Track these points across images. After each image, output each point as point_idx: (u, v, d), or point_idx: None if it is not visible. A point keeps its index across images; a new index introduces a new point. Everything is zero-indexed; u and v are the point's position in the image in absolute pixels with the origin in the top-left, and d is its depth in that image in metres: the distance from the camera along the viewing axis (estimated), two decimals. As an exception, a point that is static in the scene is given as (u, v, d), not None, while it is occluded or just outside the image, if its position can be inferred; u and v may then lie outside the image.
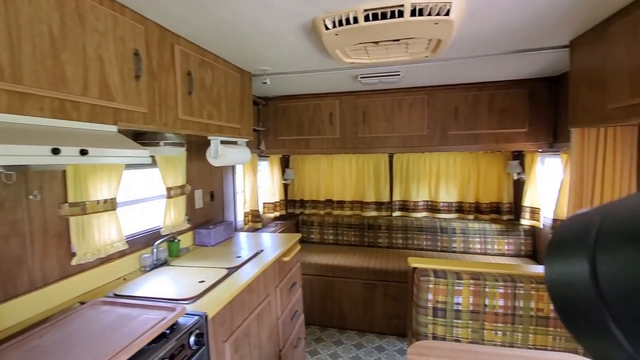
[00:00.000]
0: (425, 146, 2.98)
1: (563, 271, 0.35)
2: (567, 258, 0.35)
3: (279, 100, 3.23)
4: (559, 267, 0.36)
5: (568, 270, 0.34)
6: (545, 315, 1.76)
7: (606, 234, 0.31)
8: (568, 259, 0.35)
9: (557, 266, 0.36)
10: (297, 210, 3.88)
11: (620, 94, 1.41)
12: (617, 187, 1.82)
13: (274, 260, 1.97)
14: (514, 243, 3.20)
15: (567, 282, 0.34)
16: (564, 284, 0.35)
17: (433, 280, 1.88)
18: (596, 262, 0.30)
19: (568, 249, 0.35)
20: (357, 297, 3.00)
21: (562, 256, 0.36)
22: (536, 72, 2.55)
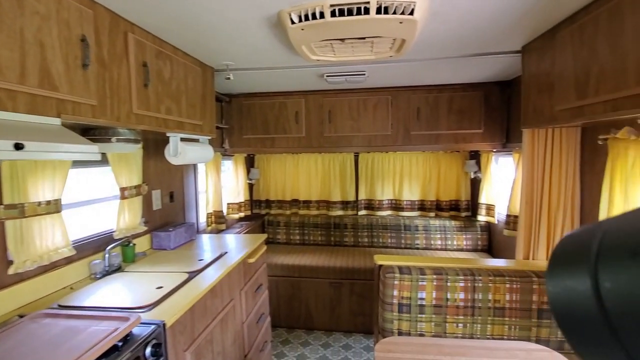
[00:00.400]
0: (389, 146, 3.04)
1: (565, 286, 0.35)
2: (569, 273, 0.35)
3: (243, 97, 3.14)
4: (561, 282, 0.36)
5: (570, 285, 0.34)
6: (502, 306, 1.86)
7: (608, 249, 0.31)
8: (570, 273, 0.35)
9: (558, 281, 0.36)
10: (262, 211, 3.80)
11: (567, 97, 1.52)
12: (563, 183, 1.97)
13: (239, 263, 1.90)
14: (472, 238, 3.36)
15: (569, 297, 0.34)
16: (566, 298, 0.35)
17: (398, 277, 1.91)
18: (598, 277, 0.30)
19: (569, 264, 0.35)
20: (324, 296, 2.99)
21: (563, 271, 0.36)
22: (490, 76, 2.69)
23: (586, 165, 1.94)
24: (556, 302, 0.36)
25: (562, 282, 0.36)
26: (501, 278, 1.85)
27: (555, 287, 0.36)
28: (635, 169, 1.50)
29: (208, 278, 1.60)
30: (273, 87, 2.90)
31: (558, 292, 0.36)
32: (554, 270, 0.37)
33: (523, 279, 1.84)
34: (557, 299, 0.36)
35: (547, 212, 2.00)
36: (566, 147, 1.96)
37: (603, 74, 1.27)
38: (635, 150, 1.49)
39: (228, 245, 2.19)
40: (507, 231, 2.61)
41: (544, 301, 1.82)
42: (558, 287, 0.36)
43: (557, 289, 0.36)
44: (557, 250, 0.39)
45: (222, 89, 2.86)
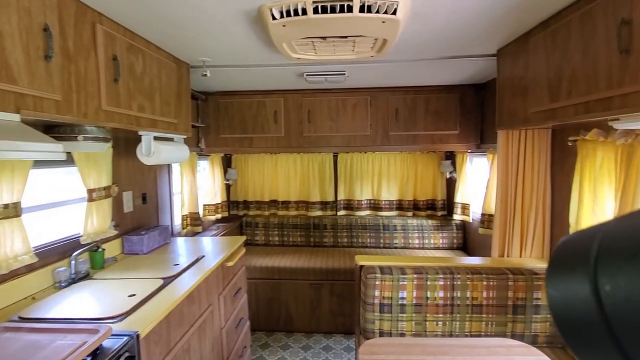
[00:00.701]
0: (368, 146, 3.05)
1: (564, 290, 0.35)
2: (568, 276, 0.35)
3: (220, 95, 3.05)
4: (561, 286, 0.36)
5: (569, 289, 0.34)
6: (479, 303, 1.90)
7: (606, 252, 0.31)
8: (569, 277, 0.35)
9: (558, 284, 0.36)
10: (240, 212, 3.71)
11: (540, 99, 1.57)
12: (535, 182, 2.04)
13: (217, 266, 1.84)
14: (448, 237, 3.44)
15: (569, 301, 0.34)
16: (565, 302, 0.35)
17: (379, 277, 1.91)
18: (598, 281, 0.30)
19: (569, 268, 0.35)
20: (304, 298, 2.96)
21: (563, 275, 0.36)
22: (466, 78, 2.76)
23: (556, 165, 2.02)
24: (556, 306, 0.36)
25: (561, 286, 0.36)
26: (478, 276, 1.90)
27: (555, 291, 0.36)
28: (602, 169, 1.57)
29: (184, 284, 1.53)
30: (251, 85, 2.84)
31: (558, 296, 0.36)
32: (553, 274, 0.37)
33: (499, 276, 1.89)
34: (557, 303, 0.36)
35: (520, 211, 2.07)
36: (538, 148, 2.03)
37: (575, 78, 1.32)
38: (603, 151, 1.57)
39: (205, 248, 2.11)
40: (482, 229, 2.68)
41: (518, 297, 1.88)
42: (558, 291, 0.36)
43: (557, 292, 0.36)
44: (555, 254, 0.39)
45: (198, 86, 2.76)
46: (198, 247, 2.15)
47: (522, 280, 1.88)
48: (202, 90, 2.98)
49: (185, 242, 2.30)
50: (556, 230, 2.04)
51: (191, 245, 2.20)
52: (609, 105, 1.17)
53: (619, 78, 1.10)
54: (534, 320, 1.88)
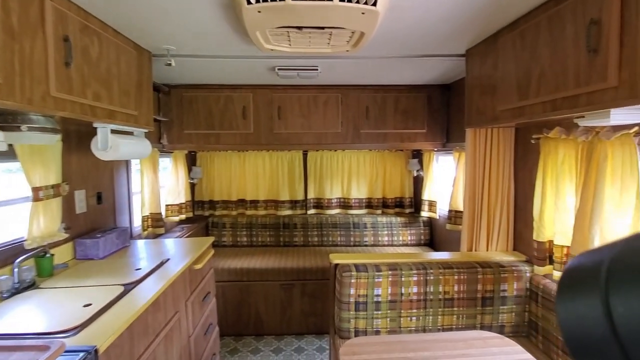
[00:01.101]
0: (339, 144, 3.04)
1: (576, 311, 0.35)
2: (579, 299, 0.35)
3: (184, 88, 2.88)
4: (571, 308, 0.36)
5: (580, 311, 0.34)
6: (451, 297, 1.94)
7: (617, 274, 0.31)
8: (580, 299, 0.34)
9: (569, 306, 0.36)
10: (206, 212, 3.54)
11: (509, 98, 1.63)
12: (500, 179, 2.13)
13: (184, 270, 1.71)
14: (415, 233, 3.51)
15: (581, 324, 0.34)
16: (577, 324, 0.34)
17: (355, 275, 1.89)
18: (609, 302, 0.30)
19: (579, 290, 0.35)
20: (274, 299, 2.87)
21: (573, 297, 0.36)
22: (433, 78, 2.83)
23: (519, 162, 2.12)
24: (568, 329, 0.35)
25: (572, 309, 0.35)
26: (450, 270, 1.94)
27: (566, 314, 0.36)
28: (564, 165, 1.66)
29: (148, 290, 1.40)
30: (219, 78, 2.70)
31: (569, 319, 0.36)
32: (563, 296, 0.37)
33: (469, 270, 1.95)
34: (568, 326, 0.35)
35: (487, 207, 2.14)
36: (503, 146, 2.12)
37: (544, 76, 1.38)
38: (564, 148, 1.66)
39: (169, 251, 1.97)
40: (450, 225, 2.76)
41: (487, 289, 1.95)
42: (569, 314, 0.36)
43: (568, 315, 0.36)
44: (565, 276, 0.38)
45: (159, 77, 2.58)
46: (162, 250, 2.00)
47: (490, 273, 1.94)
48: (164, 83, 2.79)
49: (147, 244, 2.13)
50: (519, 224, 2.14)
51: (154, 248, 2.04)
52: (576, 103, 1.23)
53: (587, 76, 1.15)
54: (501, 311, 1.95)
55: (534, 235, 1.82)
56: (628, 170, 1.32)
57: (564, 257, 1.66)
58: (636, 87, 1.00)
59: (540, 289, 1.84)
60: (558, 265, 1.69)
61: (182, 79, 2.72)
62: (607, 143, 1.38)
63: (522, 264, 1.98)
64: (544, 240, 1.78)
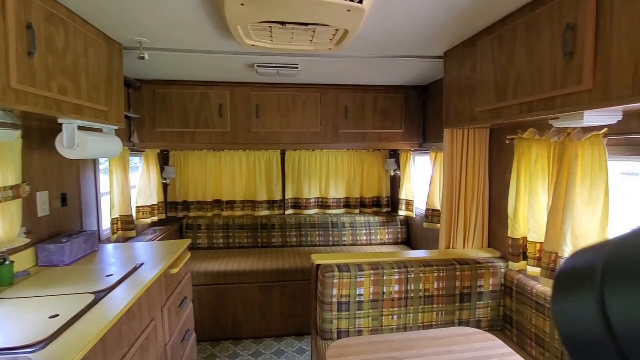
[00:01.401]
0: (318, 143, 3.02)
1: (572, 311, 0.35)
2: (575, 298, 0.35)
3: (157, 84, 2.75)
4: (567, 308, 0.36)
5: (577, 310, 0.34)
6: (431, 294, 1.98)
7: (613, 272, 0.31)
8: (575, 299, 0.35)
9: (565, 305, 0.36)
10: (180, 214, 3.40)
11: (487, 99, 1.68)
12: (476, 178, 2.19)
13: (160, 275, 1.62)
14: (393, 232, 3.56)
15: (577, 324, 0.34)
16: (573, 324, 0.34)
17: (337, 275, 1.88)
18: (605, 301, 0.30)
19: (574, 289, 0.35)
20: (253, 302, 2.81)
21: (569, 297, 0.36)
22: (410, 80, 2.88)
23: (493, 162, 2.20)
24: (564, 329, 0.35)
25: (569, 309, 0.35)
26: (430, 268, 1.97)
27: (563, 314, 0.36)
28: (537, 165, 1.73)
29: (121, 298, 1.31)
30: (194, 75, 2.60)
31: (566, 319, 0.36)
32: (559, 296, 0.37)
33: (448, 267, 1.99)
34: (565, 326, 0.35)
35: (464, 205, 2.20)
36: (479, 147, 2.18)
37: (521, 79, 1.43)
38: (537, 148, 1.73)
39: (143, 255, 1.87)
40: (427, 224, 2.82)
41: (465, 286, 2.00)
42: (565, 314, 0.36)
43: (564, 315, 0.36)
44: (560, 276, 0.38)
45: (130, 72, 2.45)
46: (134, 254, 1.89)
47: (468, 270, 2.00)
48: (136, 78, 2.66)
49: (118, 249, 2.01)
50: (493, 221, 2.22)
51: (125, 253, 1.93)
52: (552, 105, 1.28)
53: (563, 79, 1.20)
54: (478, 306, 2.01)
55: (509, 233, 1.89)
56: (597, 169, 1.40)
57: (538, 253, 1.74)
58: (609, 90, 1.05)
59: (514, 284, 1.92)
60: (532, 261, 1.76)
61: (156, 74, 2.60)
62: (578, 144, 1.45)
63: (497, 260, 2.05)
64: (518, 237, 1.85)
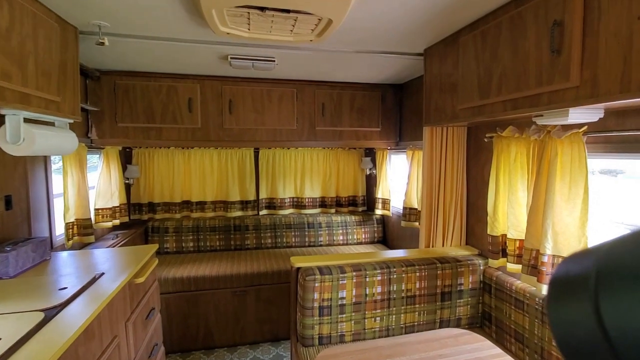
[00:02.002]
0: (295, 141, 2.93)
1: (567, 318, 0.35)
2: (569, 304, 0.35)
3: (118, 75, 2.53)
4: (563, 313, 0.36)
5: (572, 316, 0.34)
6: (413, 294, 1.95)
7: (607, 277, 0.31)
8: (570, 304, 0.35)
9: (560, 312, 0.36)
10: (144, 216, 3.17)
11: (470, 96, 1.66)
12: (455, 176, 2.19)
13: (123, 285, 1.46)
14: (369, 231, 3.54)
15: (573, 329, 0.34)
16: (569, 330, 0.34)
17: (319, 278, 1.80)
18: (600, 306, 0.30)
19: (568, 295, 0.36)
20: (226, 308, 2.66)
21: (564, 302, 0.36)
22: (387, 78, 2.86)
23: (471, 160, 2.21)
24: (560, 336, 0.35)
25: (564, 316, 0.35)
26: (412, 267, 1.94)
27: (558, 321, 0.36)
28: (516, 162, 1.75)
29: (77, 314, 1.15)
30: (161, 66, 2.41)
31: (561, 326, 0.35)
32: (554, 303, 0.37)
33: (429, 266, 1.97)
34: (561, 333, 0.35)
35: (443, 204, 2.20)
36: (457, 144, 2.19)
37: (505, 76, 1.42)
38: (516, 146, 1.74)
39: (103, 263, 1.68)
40: (405, 222, 2.81)
41: (445, 284, 1.99)
42: (561, 321, 0.36)
43: (559, 322, 0.36)
44: (554, 282, 0.38)
45: (88, 60, 2.22)
46: (93, 263, 1.70)
47: (449, 268, 1.99)
48: (95, 67, 2.42)
49: (74, 257, 1.80)
50: (471, 219, 2.23)
51: (83, 261, 1.73)
52: (537, 102, 1.28)
53: (549, 76, 1.20)
54: (458, 304, 2.01)
55: (488, 230, 1.90)
56: (577, 166, 1.42)
57: (517, 250, 1.75)
58: (597, 87, 1.05)
59: (493, 280, 1.93)
60: (512, 258, 1.77)
61: (116, 64, 2.38)
62: (558, 141, 1.46)
63: (475, 258, 2.06)
64: (497, 234, 1.86)
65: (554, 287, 0.38)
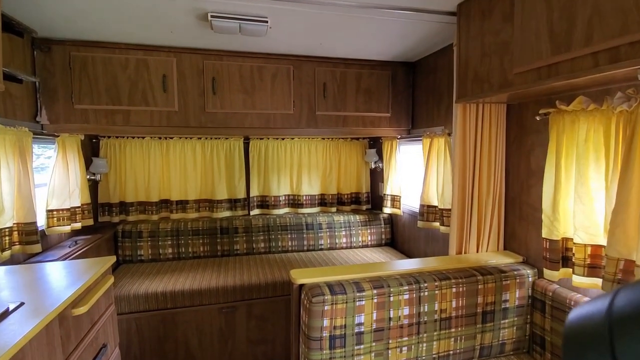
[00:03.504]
0: (291, 128, 2.48)
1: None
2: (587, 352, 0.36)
3: (74, 45, 2.05)
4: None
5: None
6: (448, 315, 1.52)
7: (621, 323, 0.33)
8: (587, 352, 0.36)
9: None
10: (115, 218, 2.69)
11: (533, 54, 1.24)
12: (492, 166, 1.78)
13: (49, 322, 1.00)
14: (376, 232, 3.11)
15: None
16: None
17: (329, 299, 1.36)
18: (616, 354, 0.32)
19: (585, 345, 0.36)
20: (211, 328, 2.21)
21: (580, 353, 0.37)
22: (398, 54, 2.44)
23: (512, 145, 1.80)
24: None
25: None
26: (447, 282, 1.51)
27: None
28: (588, 144, 1.33)
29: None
30: (126, 33, 1.94)
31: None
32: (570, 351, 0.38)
33: (468, 279, 1.55)
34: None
35: (477, 199, 1.78)
36: (495, 126, 1.77)
37: (599, 16, 0.99)
38: (588, 122, 1.32)
39: (32, 285, 1.22)
40: (422, 222, 2.39)
41: (488, 302, 1.57)
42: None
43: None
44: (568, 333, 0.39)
45: (32, 22, 1.74)
46: (16, 285, 1.23)
47: (491, 280, 1.57)
48: (44, 36, 1.94)
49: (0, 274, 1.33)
50: (511, 217, 1.82)
51: (3, 283, 1.26)
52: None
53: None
54: (502, 326, 1.60)
55: (544, 233, 1.48)
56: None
57: (588, 259, 1.34)
58: None
59: (547, 296, 1.52)
60: (580, 269, 1.36)
61: (70, 31, 1.90)
62: (663, 111, 1.05)
63: (522, 267, 1.65)
64: (557, 238, 1.45)
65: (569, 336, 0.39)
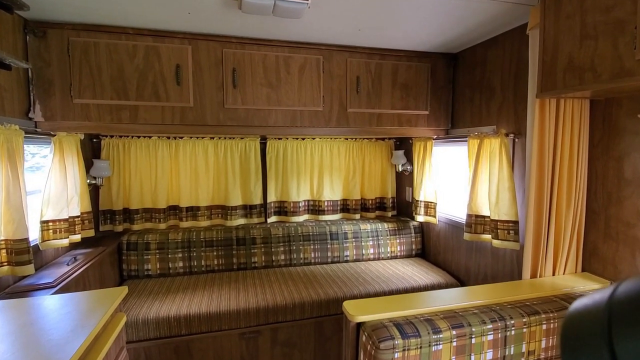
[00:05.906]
0: (321, 127, 2.19)
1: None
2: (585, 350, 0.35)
3: (74, 30, 1.75)
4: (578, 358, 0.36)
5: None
6: (537, 358, 1.24)
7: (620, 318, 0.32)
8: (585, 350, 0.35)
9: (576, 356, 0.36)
10: (118, 227, 2.39)
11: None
12: (573, 173, 1.49)
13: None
14: (406, 243, 2.83)
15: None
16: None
17: (400, 345, 1.07)
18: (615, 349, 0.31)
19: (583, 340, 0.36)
20: (230, 356, 1.92)
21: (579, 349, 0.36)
22: (438, 44, 2.16)
23: (597, 148, 1.52)
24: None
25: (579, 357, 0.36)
26: (536, 317, 1.23)
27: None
28: None
29: None
30: (135, 14, 1.64)
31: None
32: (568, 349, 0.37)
33: (559, 313, 1.27)
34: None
35: (555, 213, 1.50)
36: (577, 127, 1.49)
37: None
38: None
39: (23, 332, 0.92)
40: (469, 235, 2.10)
41: (580, 339, 1.29)
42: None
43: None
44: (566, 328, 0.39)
45: None
46: (1, 333, 0.93)
47: (584, 314, 1.29)
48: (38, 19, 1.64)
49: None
50: (592, 234, 1.54)
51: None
52: None
53: None
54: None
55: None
56: None
57: None
58: None
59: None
60: None
61: (69, 12, 1.60)
62: None
63: (614, 295, 1.37)
64: (675, 264, 1.17)
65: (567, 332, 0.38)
